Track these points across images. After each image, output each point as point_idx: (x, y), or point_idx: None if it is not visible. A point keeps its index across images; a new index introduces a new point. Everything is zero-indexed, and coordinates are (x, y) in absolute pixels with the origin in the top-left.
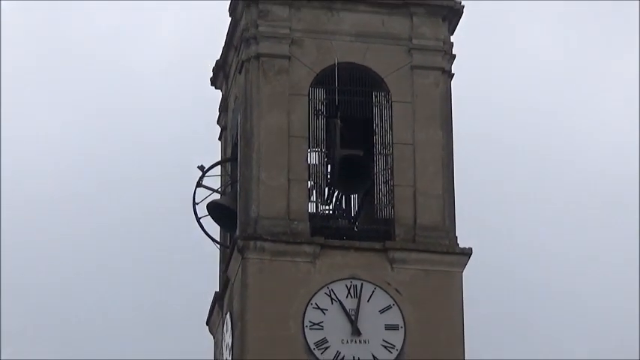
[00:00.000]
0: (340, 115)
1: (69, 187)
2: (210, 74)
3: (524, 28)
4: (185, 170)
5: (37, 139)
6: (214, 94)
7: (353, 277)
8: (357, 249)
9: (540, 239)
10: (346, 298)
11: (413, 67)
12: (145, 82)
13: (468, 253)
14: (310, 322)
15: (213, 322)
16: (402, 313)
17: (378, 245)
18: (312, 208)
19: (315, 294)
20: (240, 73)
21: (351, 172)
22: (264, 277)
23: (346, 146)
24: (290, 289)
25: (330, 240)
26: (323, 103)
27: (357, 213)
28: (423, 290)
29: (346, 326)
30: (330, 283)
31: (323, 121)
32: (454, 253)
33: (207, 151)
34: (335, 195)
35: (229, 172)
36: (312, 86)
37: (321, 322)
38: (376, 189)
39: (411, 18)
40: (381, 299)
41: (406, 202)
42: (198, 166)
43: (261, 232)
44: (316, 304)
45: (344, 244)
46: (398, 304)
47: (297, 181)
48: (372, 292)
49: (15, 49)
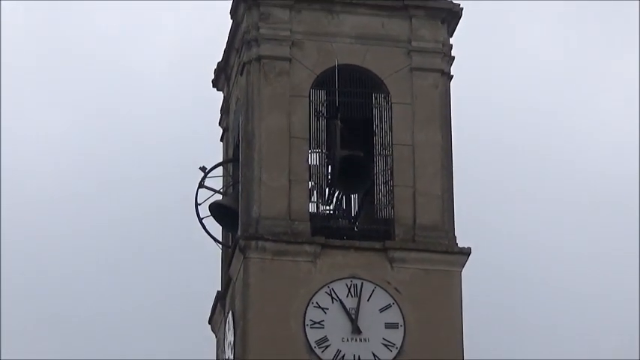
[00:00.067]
0: (340, 117)
1: (70, 187)
2: (212, 76)
3: (523, 28)
4: (187, 171)
5: (37, 139)
6: (216, 95)
7: (353, 277)
8: (357, 249)
9: (539, 239)
10: (346, 297)
11: (412, 69)
12: (147, 83)
13: (466, 252)
14: (311, 320)
15: (215, 321)
16: (401, 311)
17: (377, 245)
18: (312, 208)
19: (316, 293)
20: (242, 74)
21: (352, 173)
22: (265, 277)
23: (346, 147)
24: (291, 288)
25: (331, 240)
26: (323, 104)
27: (358, 213)
28: (422, 289)
29: (347, 325)
30: (331, 282)
31: (323, 123)
32: (453, 252)
33: (209, 153)
34: (335, 195)
35: (231, 173)
36: (312, 88)
37: (322, 320)
38: (376, 189)
39: (411, 20)
40: (381, 298)
41: (406, 203)
42: (200, 168)
43: (263, 232)
44: (317, 303)
45: (344, 243)
46: (398, 303)
47: (298, 182)
48: (372, 291)
49: (15, 49)
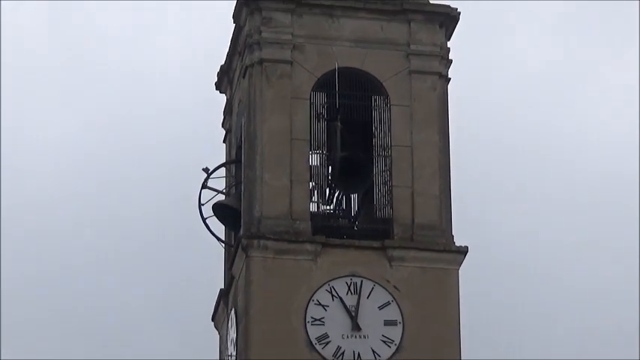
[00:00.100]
0: (340, 118)
1: (73, 187)
2: (215, 79)
3: (521, 29)
4: (191, 172)
5: (40, 139)
6: (219, 98)
7: (353, 275)
8: (356, 247)
9: (536, 238)
10: (346, 294)
11: (411, 72)
12: (152, 86)
13: (463, 251)
14: (312, 317)
15: (218, 318)
16: (400, 309)
17: (377, 244)
18: (313, 207)
19: (317, 291)
20: (244, 77)
21: (351, 173)
22: (267, 275)
23: (346, 148)
24: (292, 286)
25: (331, 239)
26: (324, 106)
27: (357, 213)
28: (420, 287)
29: (346, 322)
30: (331, 280)
31: (324, 124)
32: (450, 251)
33: (211, 154)
34: (335, 195)
35: (233, 174)
36: (313, 90)
37: (323, 317)
38: (375, 189)
39: (409, 24)
40: (380, 296)
41: (404, 202)
42: (203, 169)
43: (265, 231)
44: (318, 300)
45: (344, 242)
46: (396, 300)
47: (299, 182)
48: (372, 288)
49: (16, 49)
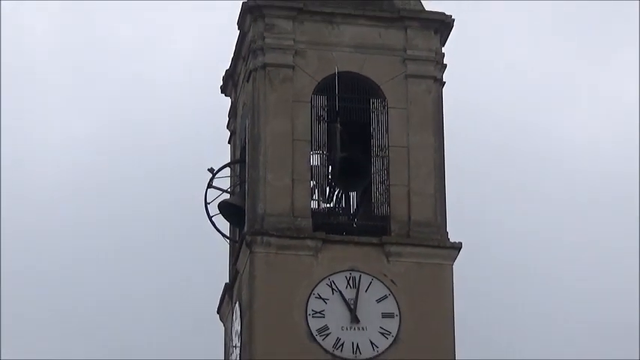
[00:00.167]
0: (340, 120)
1: (83, 185)
2: (220, 83)
3: (521, 29)
4: (197, 171)
5: (58, 140)
6: (224, 101)
7: (352, 269)
8: (355, 243)
9: (533, 236)
10: (346, 288)
11: (407, 76)
12: (159, 89)
13: (458, 247)
14: (313, 310)
15: (223, 311)
16: (397, 302)
17: (375, 240)
18: (314, 205)
19: (317, 285)
20: (248, 81)
21: (351, 173)
22: (270, 270)
23: (346, 149)
24: (294, 280)
25: (331, 235)
26: (324, 109)
27: (356, 210)
28: (416, 281)
29: (346, 314)
30: (331, 274)
31: (324, 126)
32: (445, 247)
33: (217, 154)
34: (335, 194)
35: (238, 173)
36: (314, 94)
37: (323, 310)
38: (373, 188)
39: (406, 31)
40: (378, 289)
41: (401, 201)
42: (208, 169)
43: (268, 228)
44: (318, 294)
45: (344, 238)
46: (393, 294)
47: (301, 181)
48: (370, 283)
49: (18, 49)
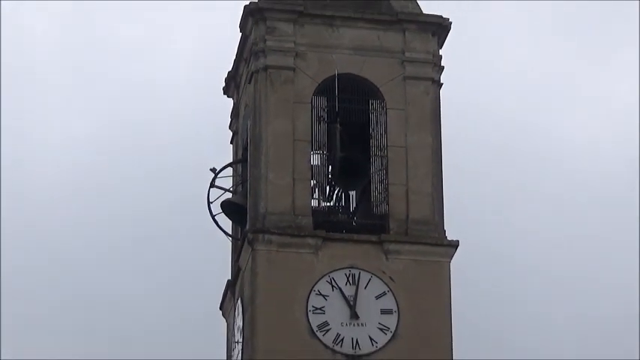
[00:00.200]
0: (340, 121)
1: (86, 184)
2: (223, 84)
3: (520, 29)
4: (200, 172)
5: (62, 140)
6: (226, 102)
7: (351, 267)
8: (355, 241)
9: (528, 234)
10: (345, 285)
11: (405, 78)
12: (163, 91)
13: (455, 244)
14: (313, 307)
15: (226, 307)
16: (395, 298)
17: (374, 238)
18: (314, 204)
19: (318, 282)
20: (250, 83)
21: (350, 172)
22: (271, 267)
23: (345, 149)
24: (295, 277)
25: (331, 233)
26: (324, 110)
27: (356, 209)
28: (414, 278)
29: (345, 311)
30: (331, 272)
31: (324, 127)
32: (442, 244)
33: (219, 154)
34: (335, 193)
35: (240, 173)
36: (314, 95)
37: (323, 307)
38: (372, 187)
39: (404, 33)
40: (377, 286)
41: (399, 199)
42: (210, 169)
43: (269, 226)
44: (318, 290)
45: (343, 236)
46: (392, 290)
47: (301, 180)
48: (369, 280)
49: (17, 50)
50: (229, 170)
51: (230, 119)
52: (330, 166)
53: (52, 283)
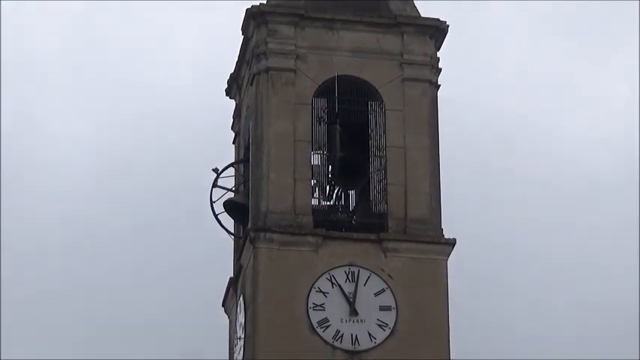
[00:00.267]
0: (340, 122)
1: (82, 184)
2: (225, 86)
3: (519, 28)
4: (203, 171)
5: (65, 140)
6: (229, 103)
7: (351, 264)
8: (354, 239)
9: (528, 233)
10: (345, 282)
11: (404, 80)
12: (166, 92)
13: (452, 243)
14: (313, 303)
15: (228, 304)
16: (394, 295)
17: (373, 236)
18: (315, 203)
19: (318, 279)
20: (252, 84)
21: (350, 172)
22: (272, 265)
23: (345, 149)
24: (295, 275)
25: (331, 231)
26: (324, 111)
27: (355, 208)
28: (412, 276)
29: (345, 307)
30: (331, 269)
31: (324, 127)
32: (440, 243)
33: (221, 154)
34: (335, 192)
35: (242, 173)
36: (315, 96)
37: (323, 303)
38: (371, 187)
39: (402, 36)
40: (376, 283)
41: (398, 199)
42: (212, 169)
43: (270, 225)
44: (319, 288)
45: (343, 235)
46: (391, 287)
47: (302, 180)
48: (368, 277)
49: (17, 50)
50: (231, 170)
51: (232, 120)
52: (330, 166)
53: (51, 283)
